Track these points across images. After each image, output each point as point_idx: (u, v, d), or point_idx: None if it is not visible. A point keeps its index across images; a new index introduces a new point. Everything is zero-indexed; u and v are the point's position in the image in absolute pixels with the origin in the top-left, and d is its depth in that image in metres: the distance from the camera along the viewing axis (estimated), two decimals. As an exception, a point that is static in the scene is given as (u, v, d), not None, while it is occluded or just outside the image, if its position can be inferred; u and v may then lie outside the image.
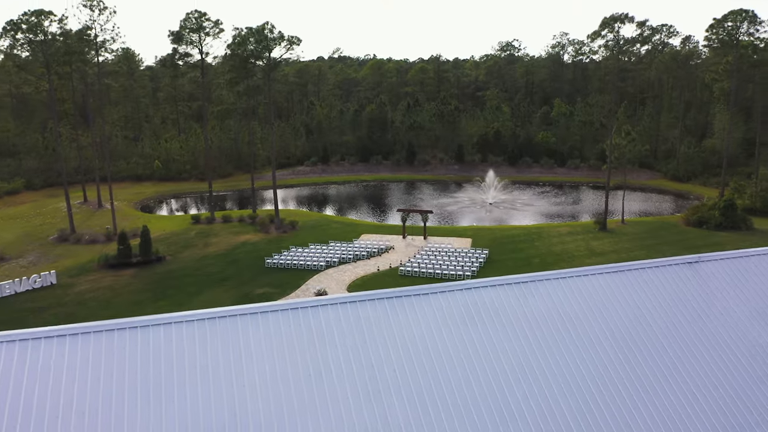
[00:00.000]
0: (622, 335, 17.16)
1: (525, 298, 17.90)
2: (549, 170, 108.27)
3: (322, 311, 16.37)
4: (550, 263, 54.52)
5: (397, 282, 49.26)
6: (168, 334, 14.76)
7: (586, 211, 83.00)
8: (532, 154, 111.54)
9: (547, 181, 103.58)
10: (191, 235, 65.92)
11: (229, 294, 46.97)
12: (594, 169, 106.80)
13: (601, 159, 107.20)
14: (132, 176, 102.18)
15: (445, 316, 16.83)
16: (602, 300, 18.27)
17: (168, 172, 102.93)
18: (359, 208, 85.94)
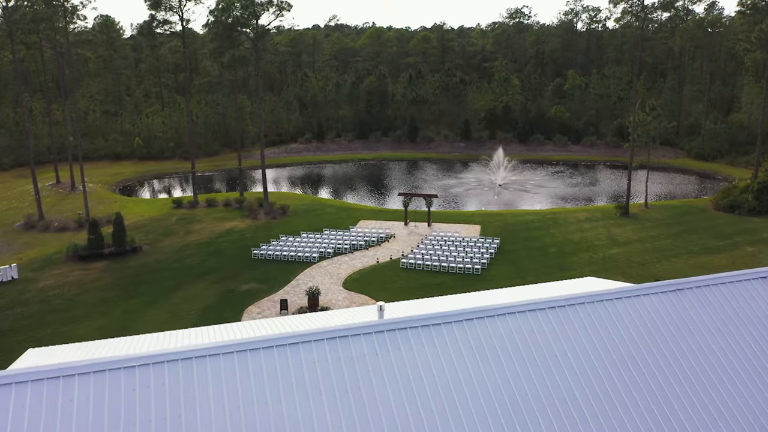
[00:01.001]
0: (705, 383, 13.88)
1: (570, 332, 14.58)
2: (562, 148, 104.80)
3: (303, 351, 13.12)
4: (568, 253, 51.39)
5: (398, 276, 46.13)
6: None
7: (605, 193, 79.65)
8: (544, 131, 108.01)
9: (560, 160, 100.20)
10: (172, 221, 62.66)
11: (210, 290, 43.83)
12: (611, 146, 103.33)
13: (619, 135, 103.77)
14: (110, 155, 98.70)
15: (464, 356, 13.54)
16: (663, 330, 14.97)
17: (149, 151, 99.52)
18: (357, 190, 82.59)
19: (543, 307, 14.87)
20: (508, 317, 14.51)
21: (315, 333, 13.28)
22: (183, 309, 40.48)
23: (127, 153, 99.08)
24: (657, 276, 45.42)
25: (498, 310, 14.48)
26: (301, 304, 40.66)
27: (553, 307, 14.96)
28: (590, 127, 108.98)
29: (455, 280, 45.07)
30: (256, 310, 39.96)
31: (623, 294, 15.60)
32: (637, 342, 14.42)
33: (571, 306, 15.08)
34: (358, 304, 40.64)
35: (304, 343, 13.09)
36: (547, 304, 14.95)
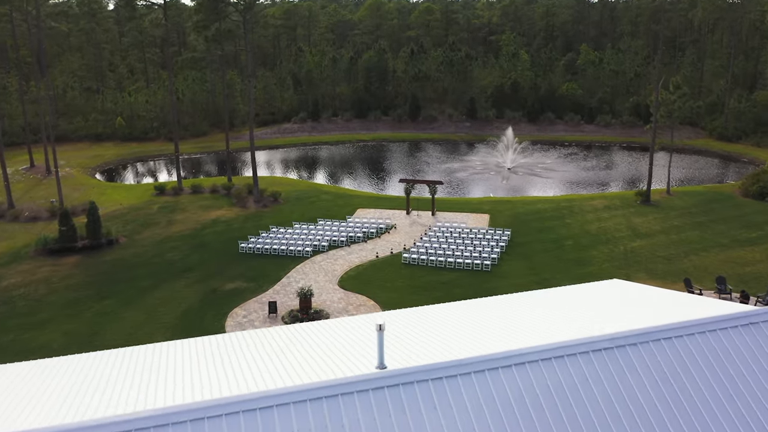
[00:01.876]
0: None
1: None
2: (575, 128, 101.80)
3: (279, 417, 10.38)
4: (586, 246, 48.70)
5: (400, 273, 43.45)
6: None
7: (622, 178, 76.76)
8: (555, 109, 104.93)
9: (573, 141, 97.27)
10: (153, 210, 59.87)
11: (191, 289, 41.16)
12: (627, 126, 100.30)
13: (636, 114, 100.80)
14: (90, 136, 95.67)
15: (487, 422, 10.80)
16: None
17: (132, 131, 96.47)
18: (354, 175, 79.70)
19: (586, 350, 12.11)
20: (542, 365, 11.74)
21: (295, 391, 10.53)
22: (160, 312, 37.82)
23: (109, 134, 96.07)
24: (686, 273, 42.77)
25: (527, 355, 11.72)
26: (292, 306, 38.02)
27: (598, 350, 12.19)
28: (604, 105, 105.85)
29: (463, 278, 42.42)
30: (241, 313, 37.32)
31: (696, 326, 12.83)
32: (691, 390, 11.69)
33: (620, 348, 12.31)
34: (355, 306, 38.03)
35: (280, 407, 10.34)
36: (591, 346, 12.18)
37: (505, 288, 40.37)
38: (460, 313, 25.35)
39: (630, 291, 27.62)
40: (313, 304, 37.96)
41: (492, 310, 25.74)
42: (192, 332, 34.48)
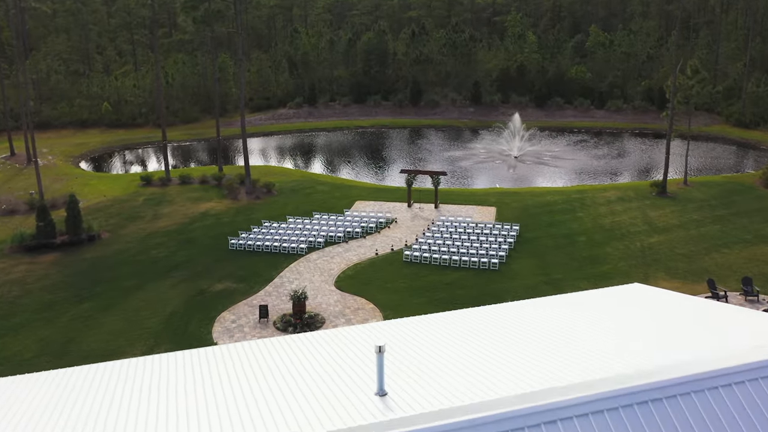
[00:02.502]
0: None
1: None
2: (584, 113, 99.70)
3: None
4: (600, 242, 46.83)
5: (401, 273, 41.60)
6: None
7: (635, 167, 74.75)
8: (563, 94, 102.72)
9: (582, 127, 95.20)
10: (138, 202, 57.94)
11: (177, 291, 39.31)
12: (639, 111, 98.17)
13: (648, 99, 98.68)
14: (75, 122, 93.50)
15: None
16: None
17: (119, 117, 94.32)
18: (353, 163, 77.67)
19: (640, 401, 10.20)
20: (577, 422, 9.83)
21: None
22: (143, 316, 35.98)
23: (94, 120, 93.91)
24: (708, 272, 40.92)
25: (557, 411, 9.81)
26: (284, 309, 36.17)
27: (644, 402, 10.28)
28: (615, 89, 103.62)
29: (468, 278, 40.57)
30: (230, 318, 35.48)
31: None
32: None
33: (670, 399, 10.40)
34: (353, 310, 36.20)
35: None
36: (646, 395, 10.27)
37: (515, 290, 38.60)
38: (465, 319, 23.50)
39: (656, 300, 25.77)
40: (308, 307, 36.13)
41: (501, 315, 23.87)
42: (176, 339, 32.75)
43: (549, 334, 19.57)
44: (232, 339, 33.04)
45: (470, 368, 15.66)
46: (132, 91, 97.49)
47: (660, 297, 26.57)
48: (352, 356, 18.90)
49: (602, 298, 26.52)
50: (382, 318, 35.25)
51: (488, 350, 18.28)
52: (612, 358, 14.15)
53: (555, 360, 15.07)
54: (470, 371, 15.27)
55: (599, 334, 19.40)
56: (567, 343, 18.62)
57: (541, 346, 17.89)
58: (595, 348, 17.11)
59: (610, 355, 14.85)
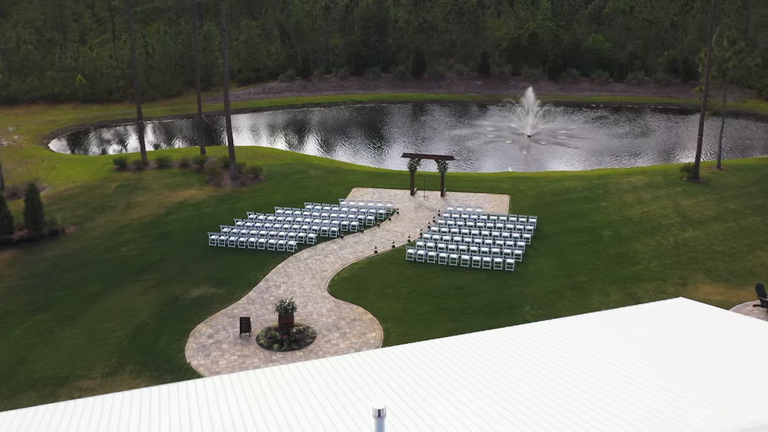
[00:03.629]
0: None
1: None
2: (603, 87, 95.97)
3: None
4: (628, 237, 43.42)
5: (404, 274, 38.24)
6: None
7: (660, 147, 71.07)
8: (579, 65, 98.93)
9: (600, 102, 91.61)
10: (110, 189, 54.45)
11: (148, 297, 35.95)
12: (662, 85, 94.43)
13: (672, 71, 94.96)
14: (46, 97, 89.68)
15: None
16: None
17: (94, 91, 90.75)
18: (350, 143, 74.01)
19: None
20: None
21: None
22: (106, 329, 32.65)
23: (67, 95, 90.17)
24: (754, 274, 37.56)
25: None
26: (270, 320, 32.85)
27: None
28: (636, 60, 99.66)
29: (480, 281, 37.22)
30: (206, 332, 32.15)
31: None
32: None
33: None
34: (349, 321, 32.87)
35: None
36: None
37: (533, 295, 35.32)
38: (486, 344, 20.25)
39: (709, 323, 22.50)
40: (297, 318, 32.81)
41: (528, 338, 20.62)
42: (143, 359, 29.55)
43: (612, 385, 16.26)
44: (207, 359, 29.77)
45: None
46: (108, 63, 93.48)
47: (713, 319, 23.26)
48: (340, 414, 15.70)
49: (648, 322, 23.23)
50: (381, 331, 32.00)
51: (547, 405, 15.07)
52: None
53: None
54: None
55: (676, 379, 16.19)
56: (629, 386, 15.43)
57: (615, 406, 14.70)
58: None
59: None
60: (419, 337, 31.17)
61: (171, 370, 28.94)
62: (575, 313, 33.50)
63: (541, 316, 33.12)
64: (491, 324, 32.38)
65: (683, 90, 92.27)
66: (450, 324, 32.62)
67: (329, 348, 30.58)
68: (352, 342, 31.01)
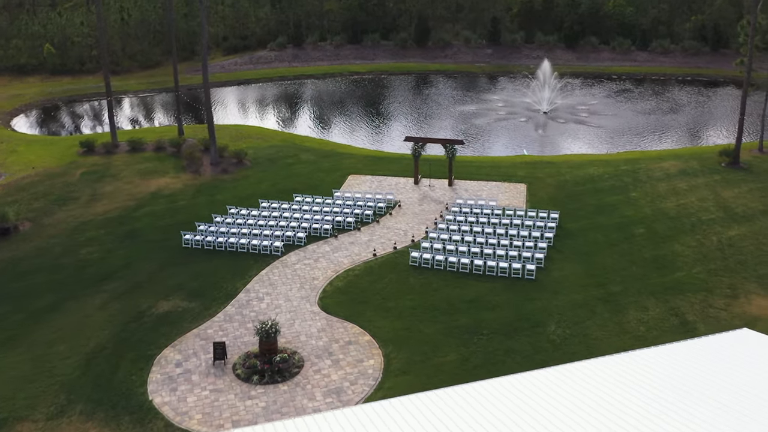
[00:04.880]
0: None
1: None
2: (624, 56, 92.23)
3: None
4: (664, 236, 39.70)
5: (407, 283, 34.53)
6: None
7: (692, 125, 67.13)
8: (599, 32, 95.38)
9: (622, 73, 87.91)
10: (74, 177, 50.59)
11: (107, 312, 32.26)
12: (690, 53, 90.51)
13: (700, 38, 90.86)
14: (11, 68, 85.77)
15: None
16: None
17: (64, 62, 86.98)
18: (346, 121, 70.03)
19: None
20: None
21: None
22: (56, 355, 28.97)
23: (34, 65, 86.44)
24: (816, 285, 33.77)
25: None
26: (250, 343, 29.20)
27: None
28: (660, 26, 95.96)
29: (497, 291, 33.53)
30: (175, 359, 28.47)
31: None
32: None
33: None
34: (342, 345, 29.18)
35: None
36: None
37: (559, 310, 31.74)
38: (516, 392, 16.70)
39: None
40: (282, 341, 29.12)
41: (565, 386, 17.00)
42: (96, 396, 26.11)
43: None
44: (174, 394, 26.13)
45: None
46: (80, 30, 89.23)
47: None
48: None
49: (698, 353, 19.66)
50: (381, 357, 28.35)
51: None
52: None
53: None
54: None
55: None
56: None
57: None
58: None
59: None
60: (426, 366, 27.59)
61: (130, 409, 25.33)
62: (609, 333, 29.96)
63: (569, 338, 29.53)
64: (511, 347, 28.85)
65: (713, 60, 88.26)
66: (463, 348, 28.97)
67: (319, 380, 26.95)
68: (346, 372, 27.35)
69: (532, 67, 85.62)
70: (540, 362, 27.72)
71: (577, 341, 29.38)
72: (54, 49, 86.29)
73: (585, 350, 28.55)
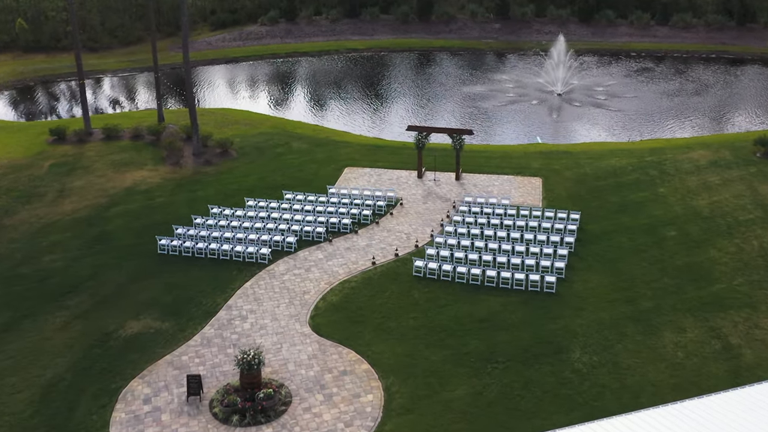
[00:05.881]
0: None
1: None
2: (643, 32, 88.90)
3: None
4: (698, 240, 36.74)
5: (410, 297, 31.65)
6: None
7: (719, 109, 63.81)
8: (615, 5, 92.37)
9: (642, 51, 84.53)
10: (43, 170, 47.54)
11: (68, 333, 29.39)
12: (714, 29, 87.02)
13: (726, 12, 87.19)
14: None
15: None
16: None
17: (38, 38, 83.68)
18: (342, 104, 66.81)
19: None
20: None
21: None
22: (6, 388, 26.17)
23: (6, 42, 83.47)
24: None
25: None
26: (229, 374, 26.31)
27: None
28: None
29: (512, 308, 30.62)
30: (142, 394, 25.58)
31: None
32: None
33: None
34: (336, 377, 26.29)
35: None
36: None
37: (585, 332, 28.92)
38: None
39: None
40: (267, 371, 26.26)
41: None
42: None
43: None
44: (139, 439, 23.25)
45: None
46: (54, 4, 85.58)
47: None
48: None
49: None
50: (381, 391, 25.48)
51: None
52: None
53: None
54: None
55: None
56: None
57: None
58: None
59: None
60: (432, 403, 24.76)
61: (87, 458, 22.46)
62: (642, 360, 27.01)
63: (597, 366, 26.65)
64: (530, 378, 26.00)
65: (739, 35, 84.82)
66: (474, 380, 26.09)
67: (308, 420, 24.10)
68: (340, 411, 24.48)
69: (544, 43, 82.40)
70: (565, 398, 24.97)
71: (606, 371, 26.48)
72: (27, 24, 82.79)
73: (616, 382, 25.75)
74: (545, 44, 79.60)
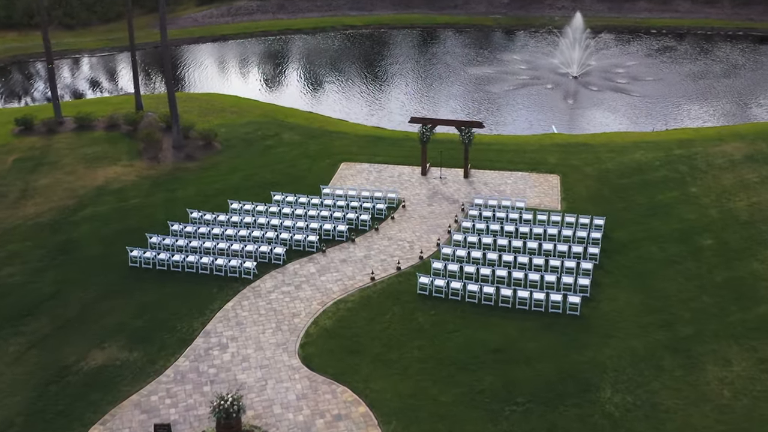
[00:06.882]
0: None
1: None
2: (664, 6, 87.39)
3: None
4: (738, 251, 33.96)
5: (412, 323, 28.88)
6: None
7: (751, 94, 60.68)
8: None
9: (662, 27, 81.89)
10: (6, 165, 44.67)
11: (21, 367, 26.64)
12: (739, 3, 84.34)
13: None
14: (-53, 23, 78.97)
15: None
16: None
17: (10, 15, 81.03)
18: (339, 88, 63.97)
19: None
20: None
21: None
22: (-56, 437, 23.24)
23: (-25, 20, 79.65)
24: None
25: None
26: (204, 422, 23.51)
27: None
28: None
29: (531, 335, 27.83)
30: (102, 444, 22.70)
31: None
32: None
33: None
34: (329, 422, 23.48)
35: None
36: None
37: (615, 365, 26.36)
38: None
39: None
40: (249, 413, 23.40)
41: None
42: None
43: None
44: (97, 505, 20.41)
45: None
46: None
47: None
48: None
49: None
50: (382, 440, 22.60)
51: None
52: None
53: None
54: None
55: None
56: None
57: None
58: None
59: None
60: (443, 462, 21.81)
61: None
62: (684, 401, 24.07)
63: (631, 409, 23.85)
64: (555, 424, 23.31)
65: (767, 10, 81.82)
66: (491, 426, 23.33)
67: (297, 480, 21.21)
68: (334, 468, 21.61)
69: (556, 19, 79.33)
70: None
71: (643, 414, 23.65)
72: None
73: (654, 430, 22.88)
74: (558, 20, 76.51)
